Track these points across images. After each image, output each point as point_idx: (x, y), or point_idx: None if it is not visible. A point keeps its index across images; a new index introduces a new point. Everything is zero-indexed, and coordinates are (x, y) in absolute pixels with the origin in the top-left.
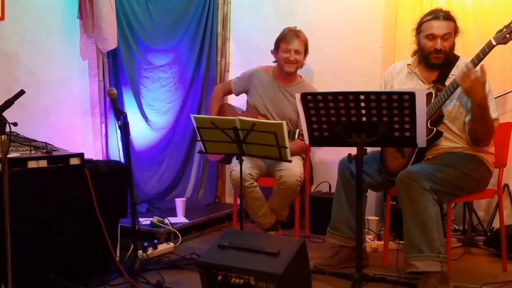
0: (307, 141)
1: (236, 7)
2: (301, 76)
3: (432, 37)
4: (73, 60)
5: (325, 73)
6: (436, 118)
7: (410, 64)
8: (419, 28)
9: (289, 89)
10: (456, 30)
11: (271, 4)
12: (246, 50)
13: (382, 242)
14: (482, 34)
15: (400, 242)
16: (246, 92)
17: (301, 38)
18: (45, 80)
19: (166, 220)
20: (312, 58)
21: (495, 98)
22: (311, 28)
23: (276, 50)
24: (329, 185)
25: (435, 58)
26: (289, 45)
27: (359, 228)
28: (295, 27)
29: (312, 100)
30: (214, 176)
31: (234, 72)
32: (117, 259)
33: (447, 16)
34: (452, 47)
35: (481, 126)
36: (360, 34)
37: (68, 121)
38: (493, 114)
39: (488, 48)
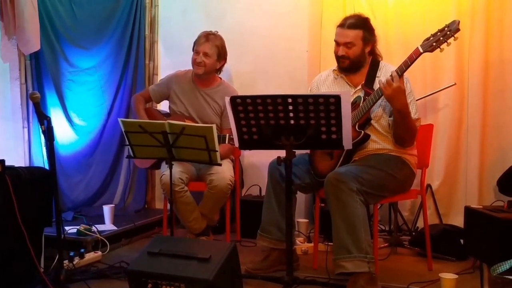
0: (237, 144)
1: (164, 10)
2: (221, 78)
3: (337, 43)
4: None
5: (254, 76)
6: (364, 121)
7: (335, 70)
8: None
9: (209, 92)
10: (364, 39)
11: (201, 7)
12: (175, 52)
13: (312, 244)
14: (403, 36)
15: (329, 244)
16: (167, 98)
17: (212, 42)
18: None
19: (93, 228)
20: (242, 61)
21: (416, 100)
22: (241, 31)
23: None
24: (260, 188)
25: (341, 62)
26: (198, 47)
27: (289, 230)
28: (216, 31)
29: (241, 104)
30: (144, 182)
31: (163, 75)
32: (41, 270)
33: (353, 25)
34: (359, 55)
35: (403, 130)
36: (287, 37)
37: None
38: (414, 115)
39: (415, 55)
